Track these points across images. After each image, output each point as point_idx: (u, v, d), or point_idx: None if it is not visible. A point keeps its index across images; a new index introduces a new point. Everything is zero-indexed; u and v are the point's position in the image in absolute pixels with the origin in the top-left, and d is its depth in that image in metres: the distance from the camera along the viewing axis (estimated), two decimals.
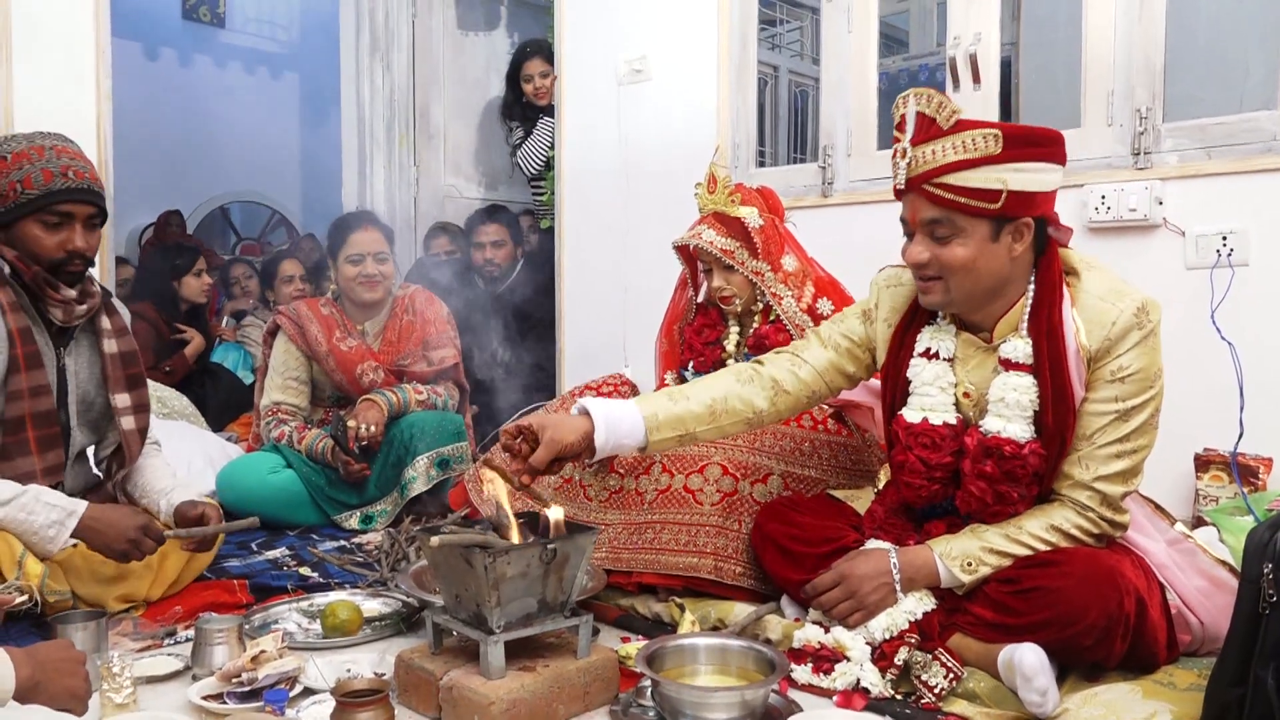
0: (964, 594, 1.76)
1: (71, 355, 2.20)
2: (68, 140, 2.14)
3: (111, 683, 1.57)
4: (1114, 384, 1.69)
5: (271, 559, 2.62)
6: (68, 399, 2.19)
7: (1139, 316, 1.69)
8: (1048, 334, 1.71)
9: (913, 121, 1.71)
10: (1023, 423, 1.73)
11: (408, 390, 3.14)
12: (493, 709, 1.51)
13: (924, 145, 1.68)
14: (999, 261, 1.71)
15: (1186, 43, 3.77)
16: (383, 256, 3.23)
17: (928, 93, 1.69)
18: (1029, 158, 1.66)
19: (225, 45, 7.11)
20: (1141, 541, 1.79)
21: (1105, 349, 1.69)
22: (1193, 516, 2.53)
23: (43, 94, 3.42)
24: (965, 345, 1.83)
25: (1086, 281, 1.74)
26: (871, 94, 3.39)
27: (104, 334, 2.22)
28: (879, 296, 1.98)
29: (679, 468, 2.25)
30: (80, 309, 2.15)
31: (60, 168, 2.05)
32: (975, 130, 1.65)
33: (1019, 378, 1.73)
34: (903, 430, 1.85)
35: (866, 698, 1.68)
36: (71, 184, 2.06)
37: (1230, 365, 2.52)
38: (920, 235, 1.74)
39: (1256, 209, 2.57)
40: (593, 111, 4.04)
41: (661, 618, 2.11)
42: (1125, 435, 1.70)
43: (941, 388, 1.83)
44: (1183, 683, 1.67)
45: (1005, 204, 1.66)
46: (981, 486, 1.75)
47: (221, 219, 7.30)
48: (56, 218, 2.06)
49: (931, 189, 1.68)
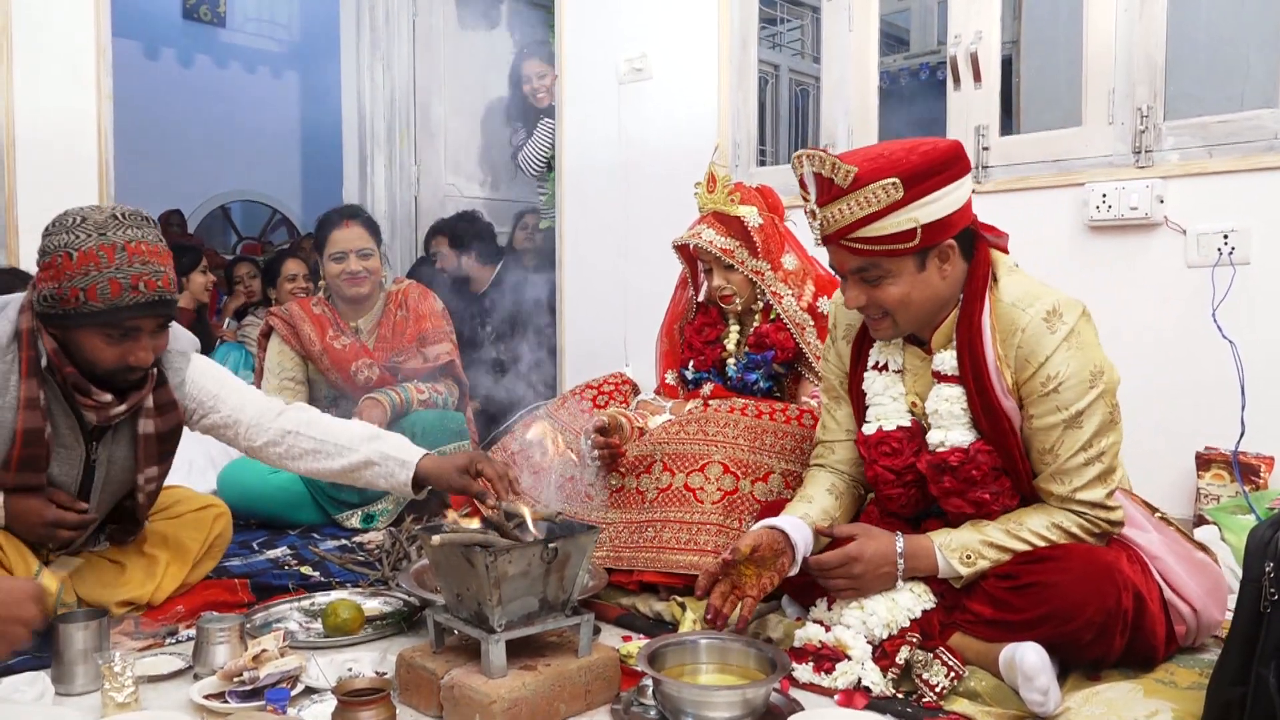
0: (963, 590, 1.76)
1: (105, 445, 2.01)
2: (144, 228, 1.84)
3: (113, 682, 1.57)
4: (1049, 395, 1.69)
5: (273, 558, 2.62)
6: (91, 488, 2.01)
7: (1050, 320, 1.68)
8: (969, 344, 1.74)
9: (813, 183, 1.73)
10: (961, 428, 1.77)
11: (410, 389, 3.14)
12: (494, 708, 1.51)
13: (829, 206, 1.70)
14: (932, 288, 1.74)
15: (1187, 41, 3.77)
16: (366, 252, 3.19)
17: (819, 154, 1.69)
18: (933, 189, 1.67)
19: (226, 44, 7.12)
20: (1135, 535, 1.79)
21: (1024, 359, 1.70)
22: (1194, 515, 2.54)
23: (43, 94, 3.42)
24: (911, 357, 1.88)
25: (1002, 287, 1.75)
26: (872, 93, 3.39)
27: (144, 414, 1.99)
28: (835, 315, 2.03)
29: (680, 466, 2.25)
30: (118, 410, 1.93)
31: (131, 278, 1.77)
32: (874, 184, 1.65)
33: (949, 388, 1.78)
34: (864, 446, 1.90)
35: (868, 697, 1.68)
36: (143, 298, 1.79)
37: (1231, 364, 2.52)
38: (852, 280, 1.77)
39: (1258, 207, 2.57)
40: (593, 110, 4.04)
41: (663, 616, 2.11)
42: (1086, 442, 1.70)
43: (893, 397, 1.88)
44: (1184, 681, 1.67)
45: (921, 238, 1.68)
46: (955, 502, 1.78)
47: (222, 218, 7.30)
48: (121, 330, 1.82)
49: (848, 243, 1.71)
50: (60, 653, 1.69)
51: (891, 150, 1.70)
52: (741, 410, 2.32)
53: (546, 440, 2.44)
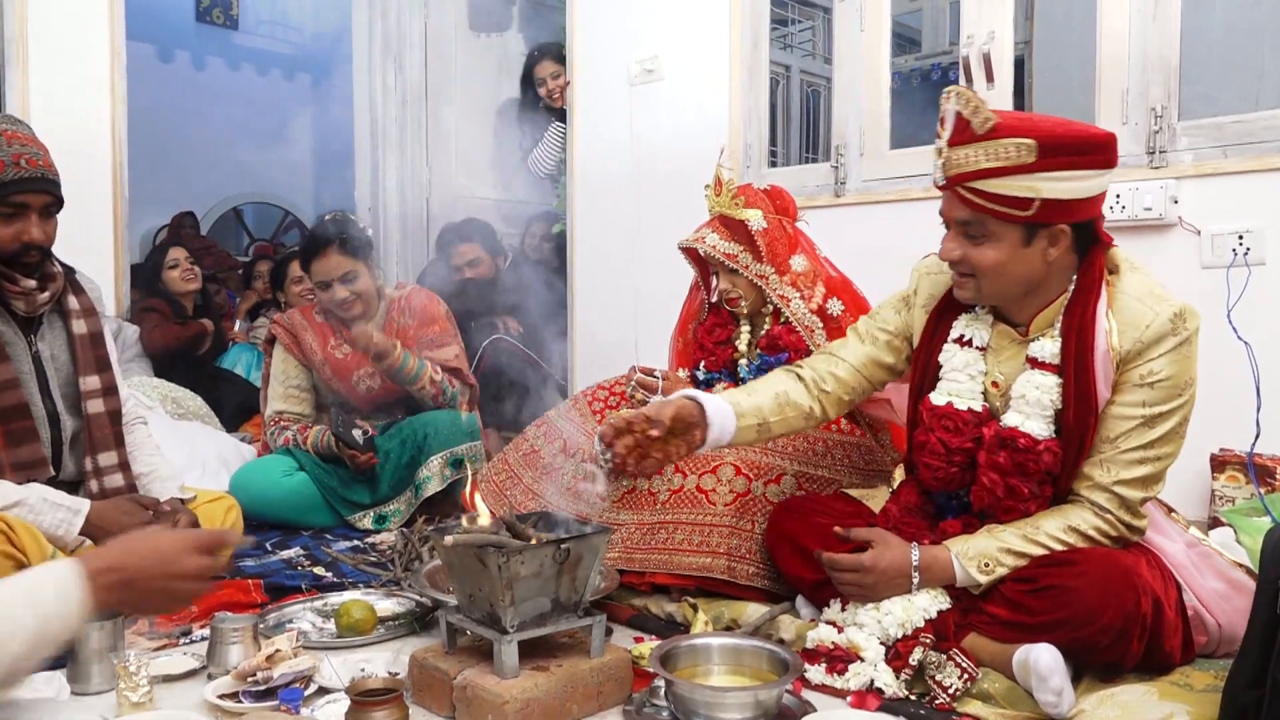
0: (979, 593, 1.75)
1: (45, 340, 2.16)
2: (18, 123, 2.05)
3: (128, 681, 1.58)
4: (1142, 388, 1.68)
5: (286, 559, 2.63)
6: (49, 385, 2.15)
7: (1175, 323, 1.68)
8: (1077, 333, 1.70)
9: (951, 121, 1.68)
10: (1042, 421, 1.73)
11: (426, 364, 3.12)
12: (506, 708, 1.51)
13: (959, 148, 1.67)
14: (1031, 265, 1.71)
15: (1202, 41, 3.75)
16: (350, 277, 3.08)
17: (967, 94, 1.66)
18: (1066, 166, 1.63)
19: (238, 47, 7.16)
20: (1159, 541, 1.78)
21: (1136, 352, 1.68)
22: (1209, 517, 2.52)
23: (58, 97, 3.45)
24: (1000, 336, 1.83)
25: (1125, 282, 1.73)
26: (884, 93, 3.38)
27: (72, 314, 2.18)
28: (919, 283, 1.99)
29: (692, 468, 2.25)
30: (43, 296, 2.11)
31: (12, 156, 1.96)
32: (1008, 139, 1.62)
33: (1044, 377, 1.74)
34: (927, 412, 1.86)
35: (880, 698, 1.67)
36: (25, 173, 1.98)
37: (1247, 365, 2.50)
38: (954, 232, 1.75)
39: (1273, 208, 2.56)
40: (604, 112, 4.04)
41: (675, 618, 2.11)
42: (1150, 441, 1.69)
43: (970, 375, 1.84)
44: (1199, 684, 1.66)
45: (1038, 212, 1.64)
46: (994, 478, 1.75)
47: (235, 220, 7.33)
48: (10, 209, 1.98)
49: (964, 192, 1.68)
50: (75, 652, 1.70)
51: (1043, 119, 1.67)
52: None
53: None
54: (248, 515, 2.57)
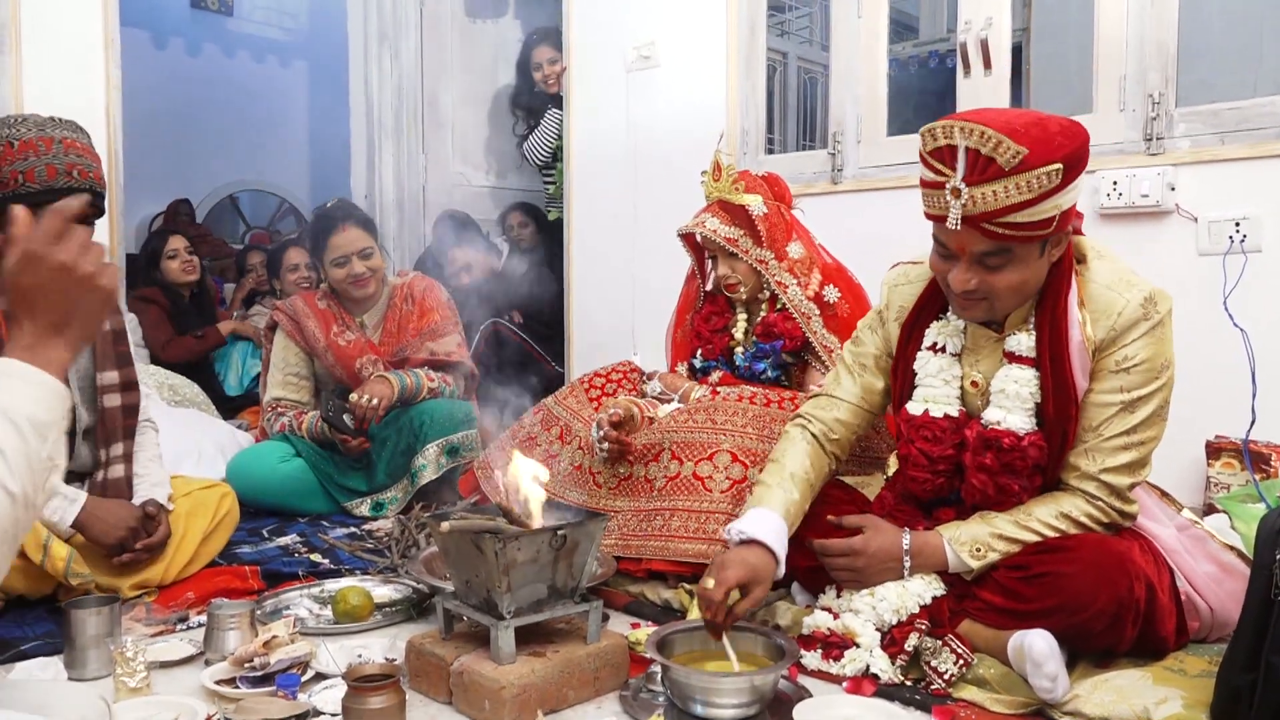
0: (974, 580, 1.76)
1: None
2: (79, 132, 2.08)
3: (125, 667, 1.59)
4: (1119, 374, 1.68)
5: (283, 545, 2.63)
6: (68, 379, 2.16)
7: (1146, 307, 1.67)
8: (1050, 325, 1.70)
9: (964, 159, 1.58)
10: (1023, 414, 1.74)
11: (421, 375, 3.13)
12: (503, 694, 1.52)
13: (983, 185, 1.57)
14: (1041, 273, 1.70)
15: (1200, 27, 3.74)
16: (368, 252, 3.12)
17: (980, 129, 1.55)
18: (1079, 175, 1.62)
19: (234, 33, 7.11)
20: (1151, 527, 1.79)
21: (1111, 339, 1.68)
22: (1204, 503, 2.53)
23: (52, 83, 3.42)
24: (976, 336, 1.83)
25: (1094, 271, 1.73)
26: (881, 80, 3.37)
27: None
28: (889, 296, 1.98)
29: (688, 455, 2.25)
30: None
31: (66, 165, 1.99)
32: (1039, 169, 1.54)
33: (1021, 370, 1.74)
34: (905, 423, 1.86)
35: (876, 683, 1.68)
36: (75, 184, 2.00)
37: (1242, 352, 2.51)
38: (968, 262, 1.67)
39: (1270, 194, 2.56)
40: (601, 99, 4.03)
41: (671, 604, 2.11)
42: (1132, 427, 1.69)
43: (945, 380, 1.83)
44: (1193, 669, 1.67)
45: (1057, 225, 1.62)
46: (983, 479, 1.76)
47: (231, 208, 7.30)
48: None
49: (991, 227, 1.60)
50: (73, 638, 1.71)
51: (1045, 130, 1.58)
52: (750, 399, 2.32)
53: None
54: (244, 501, 2.57)
